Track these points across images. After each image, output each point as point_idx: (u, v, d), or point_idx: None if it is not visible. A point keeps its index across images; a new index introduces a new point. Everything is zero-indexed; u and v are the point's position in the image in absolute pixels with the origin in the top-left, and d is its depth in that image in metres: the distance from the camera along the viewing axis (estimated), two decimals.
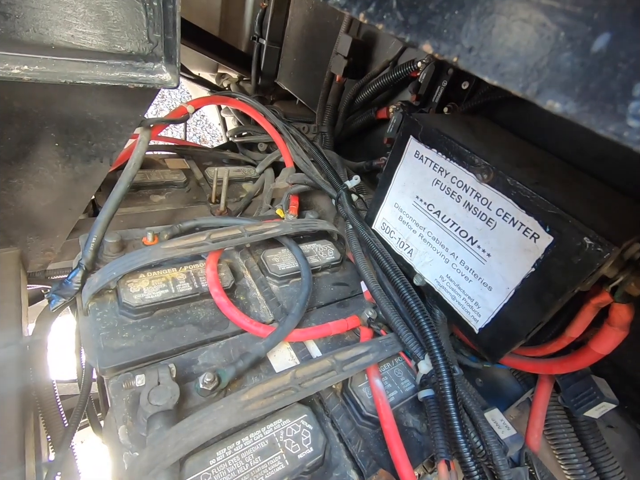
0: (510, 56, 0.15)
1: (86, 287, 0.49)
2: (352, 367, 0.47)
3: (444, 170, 0.48)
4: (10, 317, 0.55)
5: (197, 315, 0.52)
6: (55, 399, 0.55)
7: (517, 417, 0.61)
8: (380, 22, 0.20)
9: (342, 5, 0.22)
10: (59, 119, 0.55)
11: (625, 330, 0.43)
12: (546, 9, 0.13)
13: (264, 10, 1.07)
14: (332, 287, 0.64)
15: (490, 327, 0.47)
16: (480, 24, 0.16)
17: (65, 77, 0.47)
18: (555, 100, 0.14)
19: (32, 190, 0.60)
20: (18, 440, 0.44)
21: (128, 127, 0.60)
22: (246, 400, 0.39)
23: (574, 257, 0.37)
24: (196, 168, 1.03)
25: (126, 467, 0.36)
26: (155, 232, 0.59)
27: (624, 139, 0.12)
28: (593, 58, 0.13)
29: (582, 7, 0.13)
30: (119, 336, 0.46)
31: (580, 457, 0.53)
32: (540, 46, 0.14)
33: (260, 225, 0.63)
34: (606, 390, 0.48)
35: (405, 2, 0.18)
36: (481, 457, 0.42)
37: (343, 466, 0.42)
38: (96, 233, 0.53)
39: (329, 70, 0.85)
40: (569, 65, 0.13)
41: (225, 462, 0.37)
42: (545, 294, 0.40)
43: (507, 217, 0.42)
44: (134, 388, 0.41)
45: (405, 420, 0.48)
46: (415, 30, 0.18)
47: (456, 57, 0.17)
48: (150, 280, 0.52)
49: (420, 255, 0.55)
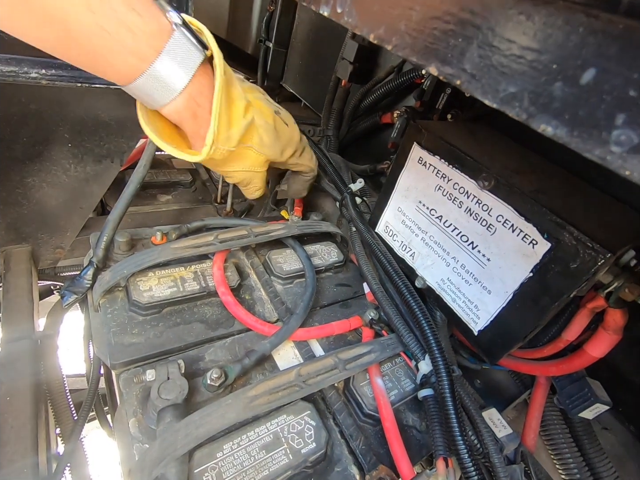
0: (509, 83, 0.16)
1: (97, 284, 0.50)
2: (355, 366, 0.48)
3: (447, 176, 0.49)
4: (22, 312, 0.57)
5: (204, 313, 0.53)
6: (65, 392, 0.56)
7: (514, 417, 0.63)
8: (389, 44, 0.21)
9: (354, 25, 0.23)
10: (72, 120, 0.57)
11: (619, 334, 0.44)
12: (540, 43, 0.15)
13: (271, 14, 1.09)
14: (335, 288, 0.65)
15: (489, 329, 0.48)
16: (482, 52, 0.17)
17: (82, 81, 0.49)
18: (548, 124, 0.15)
19: (45, 189, 0.61)
20: (31, 431, 0.45)
21: (139, 128, 0.62)
22: (253, 395, 0.40)
23: (571, 263, 0.38)
24: (202, 168, 1.05)
25: (137, 458, 0.37)
26: (163, 232, 0.60)
27: (607, 162, 0.14)
28: (581, 89, 0.14)
29: (573, 43, 0.14)
30: (129, 332, 0.48)
31: (575, 457, 0.54)
32: (535, 76, 0.16)
33: (266, 227, 0.65)
34: (600, 392, 0.50)
35: (412, 27, 0.20)
36: (478, 454, 0.44)
37: (344, 461, 0.43)
38: (107, 232, 0.54)
39: (334, 75, 0.86)
40: (560, 94, 0.15)
41: (231, 454, 0.39)
42: (542, 298, 0.42)
43: (506, 224, 0.43)
44: (144, 382, 0.42)
45: (405, 418, 0.50)
46: (422, 53, 0.19)
47: (459, 81, 0.18)
48: (159, 278, 0.53)
49: (422, 259, 0.56)
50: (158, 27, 0.37)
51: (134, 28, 0.36)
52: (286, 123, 0.56)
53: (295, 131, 0.58)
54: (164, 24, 0.38)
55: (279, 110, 0.56)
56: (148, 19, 0.36)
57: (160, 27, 0.37)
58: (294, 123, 0.59)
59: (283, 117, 0.56)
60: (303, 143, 0.62)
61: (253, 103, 0.49)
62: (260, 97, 0.52)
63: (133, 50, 0.37)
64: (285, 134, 0.55)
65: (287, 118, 0.57)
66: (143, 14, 0.36)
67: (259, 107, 0.50)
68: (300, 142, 0.60)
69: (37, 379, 0.51)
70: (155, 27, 0.37)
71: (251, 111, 0.48)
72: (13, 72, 0.45)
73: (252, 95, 0.50)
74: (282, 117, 0.55)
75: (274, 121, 0.52)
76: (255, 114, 0.49)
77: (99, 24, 0.34)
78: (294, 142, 0.58)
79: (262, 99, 0.52)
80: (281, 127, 0.54)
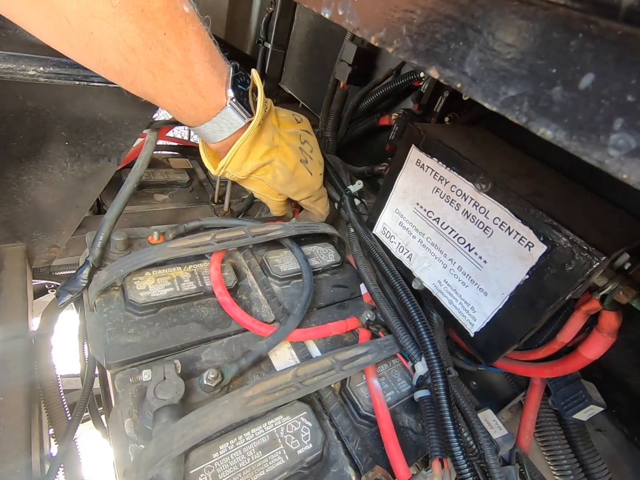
0: (509, 87, 0.17)
1: (93, 284, 0.50)
2: (352, 367, 0.48)
3: (444, 179, 0.50)
4: (17, 311, 0.56)
5: (200, 314, 0.53)
6: (59, 392, 0.56)
7: (509, 419, 0.63)
8: (390, 46, 0.21)
9: (355, 28, 0.23)
10: (70, 118, 0.56)
11: (613, 336, 0.44)
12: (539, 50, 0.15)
13: (269, 15, 1.09)
14: (332, 289, 0.65)
15: (485, 331, 0.49)
16: (482, 56, 0.17)
17: (79, 79, 0.49)
18: (547, 128, 0.16)
19: (41, 188, 0.61)
20: (25, 432, 0.45)
21: (137, 128, 0.62)
22: (250, 396, 0.40)
23: (566, 265, 0.39)
24: (199, 168, 1.04)
25: (132, 458, 0.37)
26: (160, 231, 0.60)
27: (605, 166, 0.14)
28: (580, 93, 0.15)
29: (573, 49, 0.14)
30: (125, 332, 0.47)
31: (569, 458, 0.54)
32: (535, 80, 0.16)
33: (264, 227, 0.65)
34: (594, 394, 0.50)
35: (414, 30, 0.20)
36: (474, 455, 0.44)
37: (340, 462, 0.43)
38: (104, 231, 0.54)
39: (333, 77, 0.86)
40: (559, 98, 0.15)
41: (227, 455, 0.39)
42: (538, 300, 0.42)
43: (503, 226, 0.44)
44: (140, 383, 0.42)
45: (401, 419, 0.50)
46: (423, 56, 0.20)
47: (459, 84, 0.18)
48: (155, 278, 0.53)
49: (419, 260, 0.57)
50: (215, 105, 0.47)
51: (197, 107, 0.46)
52: (311, 172, 0.64)
53: (317, 181, 0.67)
54: (220, 103, 0.47)
55: (309, 159, 0.64)
56: (210, 99, 0.46)
57: (216, 105, 0.47)
58: (319, 174, 0.67)
59: (310, 166, 0.64)
60: (321, 193, 0.70)
61: (281, 149, 0.58)
62: (294, 145, 0.60)
63: (189, 117, 0.48)
64: (304, 181, 0.64)
65: (315, 169, 0.65)
66: (207, 96, 0.46)
67: (285, 153, 0.59)
68: (318, 192, 0.68)
69: (31, 379, 0.50)
70: (213, 105, 0.47)
71: (273, 154, 0.57)
72: (11, 69, 0.44)
73: (286, 142, 0.59)
74: (308, 166, 0.63)
75: (294, 167, 0.61)
76: (277, 157, 0.58)
77: (173, 97, 0.45)
78: (311, 190, 0.66)
79: (294, 147, 0.60)
80: (301, 174, 0.63)
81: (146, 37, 0.37)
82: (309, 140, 0.65)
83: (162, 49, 0.39)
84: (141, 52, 0.38)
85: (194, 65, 0.42)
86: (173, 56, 0.40)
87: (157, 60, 0.39)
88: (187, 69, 0.42)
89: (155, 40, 0.38)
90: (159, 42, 0.38)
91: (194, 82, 0.43)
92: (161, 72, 0.41)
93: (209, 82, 0.45)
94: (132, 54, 0.38)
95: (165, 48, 0.39)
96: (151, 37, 0.38)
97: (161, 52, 0.39)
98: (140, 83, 0.42)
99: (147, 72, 0.40)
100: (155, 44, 0.38)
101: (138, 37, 0.37)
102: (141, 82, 0.42)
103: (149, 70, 0.40)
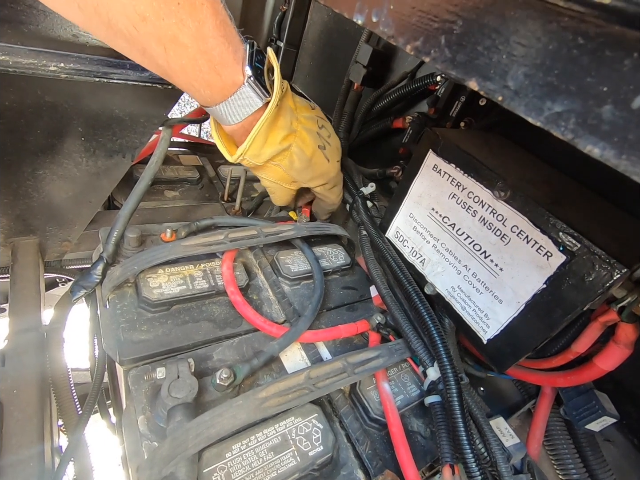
0: (555, 102, 0.16)
1: (107, 280, 0.50)
2: (363, 370, 0.48)
3: (462, 185, 0.49)
4: (29, 304, 0.56)
5: (212, 312, 0.53)
6: (70, 386, 0.56)
7: (517, 426, 0.63)
8: (427, 56, 0.21)
9: (389, 35, 0.23)
10: (87, 114, 0.56)
11: (630, 348, 0.44)
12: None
13: (283, 13, 1.08)
14: (342, 291, 0.65)
15: (498, 339, 0.49)
16: (527, 71, 0.17)
17: (99, 76, 0.49)
18: (595, 146, 0.15)
19: (56, 182, 0.61)
20: (37, 424, 0.45)
21: (152, 125, 0.62)
22: (263, 397, 0.40)
23: (586, 276, 0.38)
24: (209, 165, 1.04)
25: (145, 455, 0.37)
26: (173, 229, 0.60)
27: None
28: (632, 113, 0.14)
29: (627, 68, 0.14)
30: (138, 329, 0.48)
31: (578, 468, 0.54)
32: (584, 97, 0.16)
33: (276, 227, 0.65)
34: (608, 405, 0.50)
35: (453, 41, 0.20)
36: (485, 463, 0.44)
37: (350, 465, 0.43)
38: (118, 227, 0.54)
39: (347, 78, 0.86)
40: (609, 116, 0.15)
41: (240, 455, 0.39)
42: (554, 310, 0.42)
43: (521, 234, 0.44)
44: (154, 380, 0.42)
45: (410, 424, 0.50)
46: (462, 67, 0.19)
47: (501, 97, 0.18)
48: (168, 276, 0.53)
49: (432, 265, 0.57)
50: (231, 83, 0.45)
51: (212, 85, 0.44)
52: (328, 159, 0.62)
53: (333, 168, 0.64)
54: (237, 81, 0.45)
55: (327, 145, 0.62)
56: (225, 77, 0.44)
57: (232, 83, 0.45)
58: (337, 161, 0.65)
59: (327, 152, 0.62)
60: (336, 180, 0.68)
61: (299, 134, 0.56)
62: (311, 130, 0.58)
63: (204, 96, 0.46)
64: (320, 167, 0.62)
65: (332, 155, 0.63)
66: (222, 74, 0.44)
67: (302, 138, 0.57)
68: (333, 179, 0.66)
69: (43, 372, 0.51)
70: (229, 83, 0.45)
71: (291, 140, 0.55)
72: (32, 65, 0.44)
73: (304, 126, 0.57)
74: (325, 153, 0.61)
75: (312, 153, 0.59)
76: (295, 142, 0.56)
77: (187, 73, 0.43)
78: (327, 177, 0.64)
79: (312, 132, 0.58)
80: (319, 160, 0.61)
81: (158, 6, 0.35)
82: (326, 126, 0.62)
83: (176, 20, 0.37)
84: (152, 22, 0.36)
85: (208, 39, 0.40)
86: (187, 29, 0.38)
87: (170, 33, 0.37)
88: (202, 43, 0.40)
89: (168, 10, 0.36)
90: (172, 12, 0.36)
91: (208, 58, 0.41)
92: (173, 46, 0.39)
93: (224, 58, 0.42)
94: (143, 23, 0.36)
95: (178, 19, 0.37)
96: (164, 7, 0.35)
97: (174, 23, 0.37)
98: (151, 55, 0.40)
99: (158, 45, 0.38)
100: (168, 15, 0.36)
101: (149, 6, 0.35)
102: (151, 55, 0.40)
103: (160, 43, 0.38)
